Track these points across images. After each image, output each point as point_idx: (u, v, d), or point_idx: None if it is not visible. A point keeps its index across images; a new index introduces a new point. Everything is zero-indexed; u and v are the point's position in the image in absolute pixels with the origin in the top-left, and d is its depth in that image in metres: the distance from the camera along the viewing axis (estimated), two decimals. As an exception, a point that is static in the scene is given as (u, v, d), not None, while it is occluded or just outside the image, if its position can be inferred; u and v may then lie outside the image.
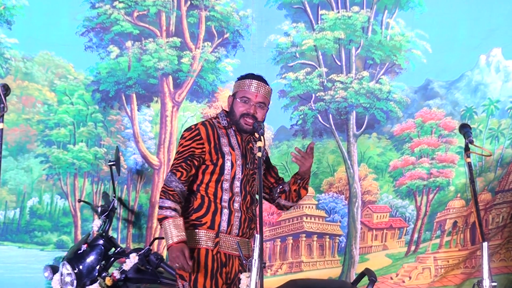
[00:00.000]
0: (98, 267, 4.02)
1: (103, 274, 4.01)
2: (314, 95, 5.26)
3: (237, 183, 3.39)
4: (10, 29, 4.81)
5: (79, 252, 4.06)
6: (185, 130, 3.46)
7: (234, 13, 5.16)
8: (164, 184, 3.31)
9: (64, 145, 4.99)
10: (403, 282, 5.43)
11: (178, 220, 3.17)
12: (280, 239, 5.26)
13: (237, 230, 3.37)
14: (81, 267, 3.99)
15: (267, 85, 3.50)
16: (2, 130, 3.03)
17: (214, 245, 3.32)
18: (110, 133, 5.06)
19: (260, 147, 3.08)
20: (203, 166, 3.37)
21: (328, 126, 5.29)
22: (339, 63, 5.27)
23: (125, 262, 4.03)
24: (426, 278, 5.44)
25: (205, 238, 3.33)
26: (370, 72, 5.29)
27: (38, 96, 4.93)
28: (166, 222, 3.15)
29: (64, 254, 4.29)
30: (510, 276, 5.64)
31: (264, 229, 3.76)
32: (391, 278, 5.44)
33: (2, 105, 3.01)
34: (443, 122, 5.37)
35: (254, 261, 2.83)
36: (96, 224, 4.35)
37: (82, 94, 4.99)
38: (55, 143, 4.97)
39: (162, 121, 5.13)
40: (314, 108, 5.26)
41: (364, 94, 5.27)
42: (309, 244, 5.31)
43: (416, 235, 5.44)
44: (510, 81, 5.39)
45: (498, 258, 5.62)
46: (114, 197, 4.43)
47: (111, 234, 4.48)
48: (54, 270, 4.11)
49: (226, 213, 3.36)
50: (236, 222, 3.37)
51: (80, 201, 4.76)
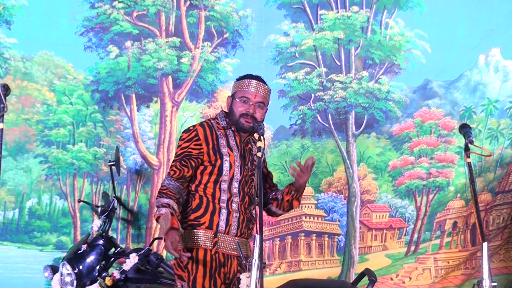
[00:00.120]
0: (98, 267, 4.02)
1: (103, 274, 4.02)
2: (313, 95, 5.26)
3: (235, 184, 3.39)
4: (10, 29, 4.81)
5: (79, 252, 4.06)
6: (183, 132, 3.47)
7: (233, 13, 5.16)
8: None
9: (63, 145, 4.99)
10: (403, 282, 5.42)
11: (170, 212, 3.12)
12: (279, 238, 5.26)
13: (235, 230, 3.37)
14: (81, 267, 3.99)
15: (266, 85, 3.50)
16: (1, 130, 3.03)
17: (212, 245, 3.32)
18: (110, 133, 5.05)
19: (260, 147, 3.08)
20: (202, 167, 3.37)
21: (327, 126, 5.29)
22: (339, 63, 5.27)
23: (125, 262, 4.04)
24: (426, 279, 5.43)
25: (203, 238, 3.33)
26: (370, 72, 5.29)
27: (37, 96, 4.92)
28: (161, 219, 3.14)
29: (63, 254, 4.30)
30: (509, 276, 5.63)
31: (263, 228, 3.75)
32: (391, 279, 5.43)
33: (2, 105, 3.01)
34: (442, 122, 5.37)
35: (254, 261, 2.83)
36: (96, 224, 4.35)
37: (82, 94, 4.99)
38: (55, 143, 4.96)
39: (161, 121, 5.12)
40: (313, 108, 5.26)
41: (363, 94, 5.28)
42: (308, 243, 5.31)
43: (416, 236, 5.44)
44: (509, 80, 5.39)
45: (498, 258, 5.61)
46: (114, 197, 4.44)
47: (111, 234, 4.48)
48: (54, 270, 4.11)
49: (224, 213, 3.36)
50: (234, 223, 3.37)
51: (80, 201, 4.76)
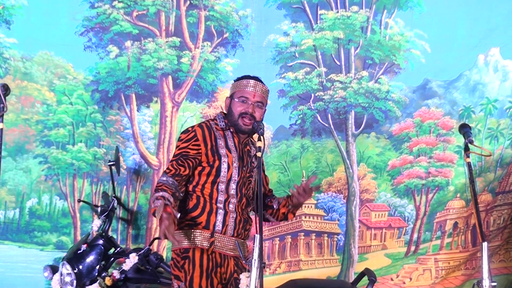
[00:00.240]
0: (97, 267, 4.02)
1: (103, 274, 4.02)
2: (313, 95, 5.26)
3: (233, 185, 3.39)
4: (9, 28, 4.81)
5: (79, 252, 4.06)
6: (182, 133, 3.47)
7: (233, 12, 5.16)
8: None
9: (63, 145, 4.98)
10: (404, 283, 5.42)
11: (165, 203, 3.07)
12: (278, 238, 5.26)
13: (232, 231, 3.37)
14: (80, 267, 3.99)
15: (264, 85, 3.51)
16: (1, 130, 3.04)
17: (209, 245, 3.32)
18: (110, 133, 5.05)
19: (260, 147, 3.08)
20: (200, 168, 3.37)
21: (327, 125, 5.29)
22: (338, 63, 5.27)
23: (124, 262, 4.04)
24: (427, 279, 5.43)
25: (200, 238, 3.33)
26: (369, 72, 5.29)
27: (37, 96, 4.92)
28: (156, 211, 3.07)
29: (63, 254, 4.29)
30: (509, 276, 5.63)
31: (263, 228, 3.75)
32: (391, 279, 5.42)
33: (2, 105, 3.02)
34: (441, 121, 5.36)
35: (254, 261, 2.83)
36: (95, 224, 4.35)
37: (81, 94, 4.99)
38: (54, 144, 4.96)
39: (161, 121, 5.12)
40: (313, 107, 5.26)
41: (363, 93, 5.28)
42: (307, 242, 5.31)
43: (415, 235, 5.43)
44: (508, 80, 5.39)
45: (498, 259, 5.61)
46: (114, 197, 4.44)
47: (111, 234, 4.48)
48: (54, 270, 4.11)
49: (221, 213, 3.36)
50: (231, 223, 3.37)
51: (80, 201, 4.76)
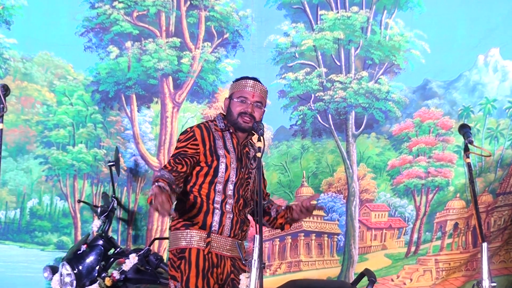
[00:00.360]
0: (97, 268, 4.02)
1: (103, 275, 4.02)
2: (313, 95, 5.26)
3: (230, 186, 3.39)
4: (9, 29, 4.82)
5: (79, 252, 4.07)
6: (181, 134, 3.48)
7: (233, 13, 5.16)
8: None
9: (63, 146, 4.99)
10: (404, 284, 5.41)
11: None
12: (278, 239, 5.26)
13: (228, 231, 3.37)
14: (80, 268, 3.99)
15: (263, 85, 3.52)
16: (1, 130, 3.04)
17: (205, 245, 3.32)
18: (110, 134, 5.05)
19: (260, 147, 3.08)
20: (198, 168, 3.38)
21: (327, 126, 5.29)
22: (338, 63, 5.27)
23: (124, 263, 4.04)
24: (428, 280, 5.42)
25: (196, 238, 3.33)
26: (369, 72, 5.29)
27: (37, 96, 4.92)
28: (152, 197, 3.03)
29: (64, 254, 4.29)
30: (510, 277, 5.61)
31: (263, 228, 3.75)
32: (392, 280, 5.42)
33: (2, 105, 3.03)
34: (441, 121, 5.36)
35: (253, 261, 2.83)
36: (95, 224, 4.35)
37: (82, 95, 4.99)
38: (55, 144, 4.96)
39: (162, 122, 5.12)
40: (313, 108, 5.26)
41: (363, 94, 5.27)
42: (307, 243, 5.30)
43: (415, 236, 5.43)
44: (507, 80, 5.38)
45: (498, 259, 5.59)
46: (114, 197, 4.44)
47: (111, 235, 4.48)
48: (54, 270, 4.11)
49: (218, 213, 3.36)
50: (227, 223, 3.37)
51: (79, 201, 4.76)
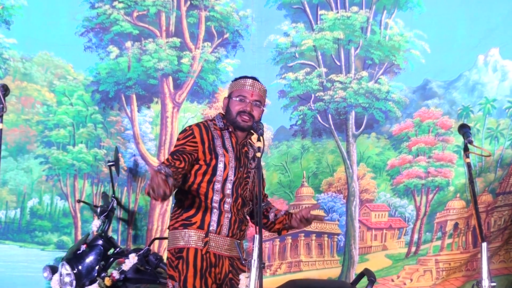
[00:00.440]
0: (97, 268, 4.02)
1: (102, 275, 4.02)
2: (313, 95, 5.26)
3: (228, 185, 3.39)
4: (9, 29, 4.82)
5: (78, 252, 4.07)
6: (180, 133, 3.48)
7: (234, 13, 5.16)
8: None
9: (63, 146, 4.99)
10: (404, 284, 5.40)
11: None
12: (279, 239, 5.24)
13: (226, 231, 3.37)
14: (80, 268, 3.99)
15: (262, 84, 3.53)
16: (1, 130, 3.04)
17: (203, 245, 3.32)
18: (110, 134, 5.05)
19: (259, 147, 3.08)
20: (197, 166, 3.37)
21: (327, 126, 5.29)
22: (338, 63, 5.27)
23: (124, 263, 4.04)
24: (428, 280, 5.41)
25: (194, 238, 3.33)
26: (369, 72, 5.28)
27: (37, 96, 4.92)
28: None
29: (64, 254, 4.29)
30: (510, 277, 5.60)
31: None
32: (392, 280, 5.41)
33: (1, 105, 3.03)
34: (440, 121, 5.35)
35: (253, 261, 2.83)
36: (95, 224, 4.35)
37: (82, 95, 4.99)
38: (55, 144, 4.96)
39: (162, 122, 5.12)
40: (313, 108, 5.26)
41: (363, 94, 5.27)
42: (307, 243, 5.30)
43: (416, 236, 5.42)
44: (506, 80, 5.37)
45: (498, 259, 5.58)
46: (113, 197, 4.44)
47: (111, 235, 4.48)
48: (53, 270, 4.11)
49: (216, 213, 3.36)
50: (225, 223, 3.37)
51: (79, 201, 4.77)
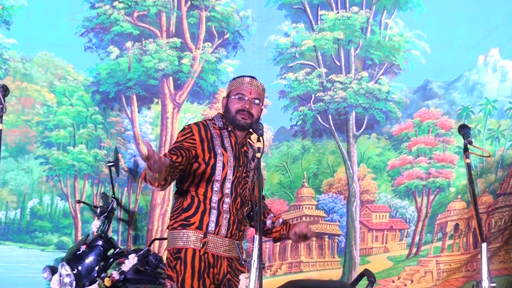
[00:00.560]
0: (97, 268, 4.03)
1: (102, 275, 4.02)
2: (313, 96, 5.25)
3: (227, 185, 3.38)
4: (9, 29, 4.82)
5: (78, 253, 4.07)
6: (179, 132, 3.48)
7: (234, 13, 5.15)
8: None
9: (64, 146, 4.99)
10: (405, 285, 5.39)
11: None
12: (279, 239, 5.25)
13: (225, 231, 3.36)
14: (80, 268, 4.00)
15: (260, 82, 3.54)
16: (1, 131, 3.05)
17: (201, 245, 3.32)
18: (110, 135, 5.05)
19: (259, 148, 3.08)
20: (196, 165, 3.37)
21: (327, 126, 5.28)
22: (338, 64, 5.27)
23: (124, 263, 4.04)
24: (428, 281, 5.40)
25: (193, 238, 3.33)
26: (369, 72, 5.28)
27: (37, 97, 4.92)
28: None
29: (64, 255, 4.29)
30: (509, 277, 5.59)
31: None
32: (393, 281, 5.40)
33: (1, 106, 3.04)
34: (440, 121, 5.34)
35: (253, 261, 2.82)
36: (95, 225, 4.35)
37: (82, 95, 4.99)
38: (55, 145, 4.96)
39: (162, 122, 5.12)
40: (313, 108, 5.25)
41: (363, 94, 5.27)
42: (308, 244, 5.29)
43: (417, 237, 5.41)
44: (507, 80, 5.35)
45: (498, 260, 5.57)
46: (113, 198, 4.44)
47: (111, 235, 4.48)
48: (53, 271, 4.11)
49: (214, 213, 3.35)
50: (224, 223, 3.36)
51: (79, 201, 4.77)
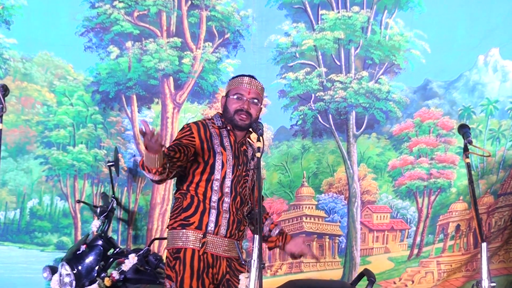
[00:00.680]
0: (97, 268, 4.03)
1: (102, 275, 4.03)
2: (313, 95, 5.25)
3: (227, 183, 3.38)
4: (9, 29, 4.81)
5: (78, 252, 4.07)
6: (178, 131, 3.49)
7: (234, 13, 5.15)
8: None
9: (63, 146, 4.98)
10: (406, 286, 5.39)
11: None
12: (279, 239, 5.24)
13: (224, 231, 3.36)
14: (80, 268, 4.00)
15: (259, 82, 3.54)
16: (1, 131, 3.05)
17: (200, 245, 3.32)
18: (110, 134, 5.05)
19: (259, 147, 3.07)
20: (195, 165, 3.37)
21: (328, 126, 5.28)
22: (339, 63, 5.26)
23: (124, 263, 4.04)
24: (429, 282, 5.40)
25: (192, 239, 3.32)
26: (369, 72, 5.27)
27: (37, 97, 4.92)
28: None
29: (64, 255, 4.29)
30: (509, 277, 5.59)
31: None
32: (394, 283, 5.40)
33: (1, 105, 3.04)
34: (441, 121, 5.34)
35: (253, 261, 2.82)
36: (95, 224, 4.35)
37: (82, 95, 4.99)
38: (55, 145, 4.96)
39: (163, 122, 5.12)
40: (314, 108, 5.25)
41: (363, 94, 5.26)
42: (309, 244, 5.26)
43: (418, 238, 5.41)
44: (508, 81, 5.34)
45: (497, 259, 5.57)
46: (113, 197, 4.44)
47: (111, 235, 4.48)
48: (53, 270, 4.11)
49: (214, 213, 3.35)
50: (223, 223, 3.36)
51: (79, 201, 4.76)
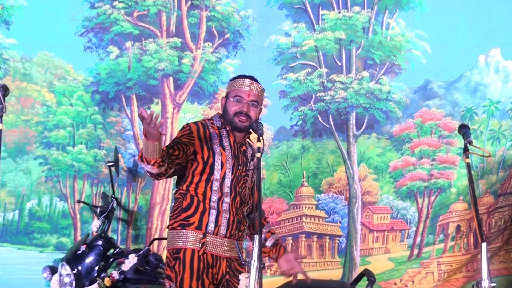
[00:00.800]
0: (97, 268, 4.03)
1: (102, 275, 4.03)
2: (314, 96, 5.24)
3: (227, 183, 3.38)
4: (9, 29, 4.81)
5: (78, 252, 4.07)
6: (178, 131, 3.48)
7: (234, 13, 5.15)
8: None
9: (63, 147, 4.98)
10: (406, 286, 5.39)
11: None
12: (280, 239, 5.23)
13: (224, 231, 3.35)
14: (80, 268, 4.00)
15: (259, 84, 3.53)
16: (0, 131, 3.04)
17: (200, 245, 3.31)
18: (110, 135, 5.04)
19: (259, 148, 3.07)
20: (194, 165, 3.37)
21: (328, 126, 5.28)
22: (339, 64, 5.26)
23: (124, 263, 4.04)
24: (429, 282, 5.40)
25: (192, 239, 3.32)
26: (370, 72, 5.27)
27: (37, 97, 4.92)
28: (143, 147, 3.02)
29: (63, 256, 4.28)
30: (509, 277, 5.59)
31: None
32: (395, 284, 5.39)
33: (1, 106, 3.02)
34: (443, 122, 5.34)
35: (253, 261, 2.81)
36: (95, 224, 4.35)
37: (82, 95, 4.98)
38: (54, 145, 4.95)
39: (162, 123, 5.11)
40: (314, 108, 5.25)
41: (364, 94, 5.26)
42: (309, 244, 5.28)
43: (418, 239, 5.41)
44: (510, 81, 5.34)
45: (498, 260, 5.57)
46: (113, 197, 4.43)
47: (111, 235, 4.47)
48: (53, 270, 4.11)
49: (213, 213, 3.34)
50: (223, 223, 3.35)
51: (79, 201, 4.76)
